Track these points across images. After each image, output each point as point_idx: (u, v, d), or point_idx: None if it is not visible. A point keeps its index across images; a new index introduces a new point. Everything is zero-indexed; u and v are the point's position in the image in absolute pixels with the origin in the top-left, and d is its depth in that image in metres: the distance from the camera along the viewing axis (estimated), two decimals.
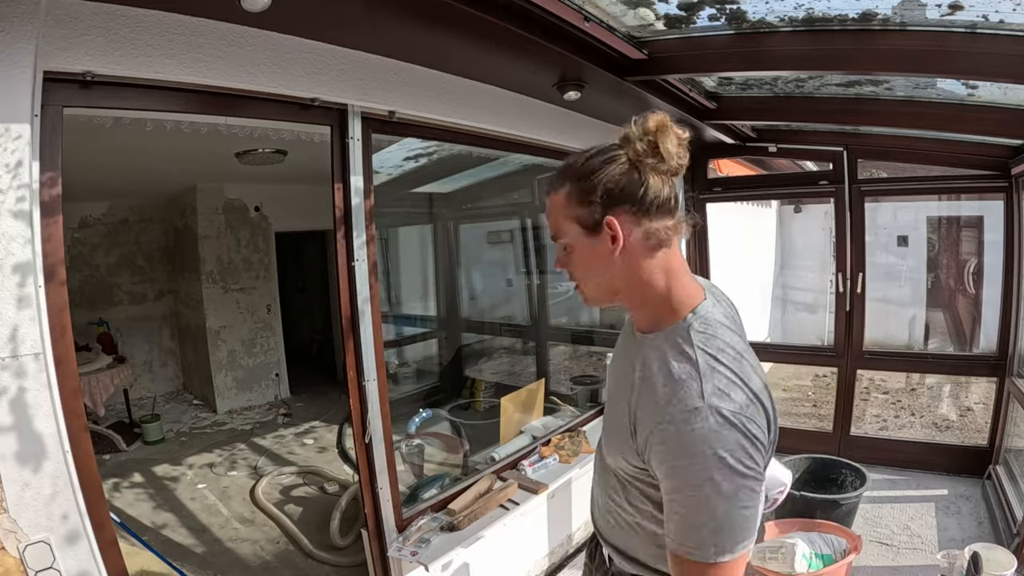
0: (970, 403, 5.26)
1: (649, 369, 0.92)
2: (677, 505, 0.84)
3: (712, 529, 0.81)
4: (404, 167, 3.81)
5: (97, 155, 3.20)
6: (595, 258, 0.94)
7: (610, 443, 1.01)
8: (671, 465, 0.84)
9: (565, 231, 0.95)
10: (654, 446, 0.86)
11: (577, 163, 0.94)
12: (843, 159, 3.72)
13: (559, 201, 0.95)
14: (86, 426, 1.44)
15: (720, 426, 0.82)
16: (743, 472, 0.81)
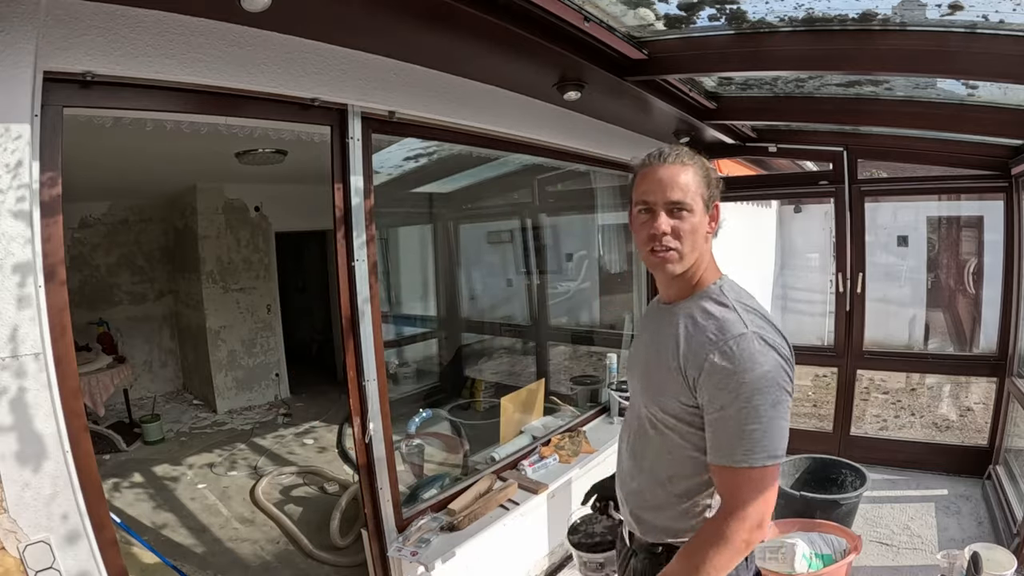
0: (970, 403, 5.26)
1: (693, 319, 1.13)
2: (730, 419, 1.03)
3: (761, 433, 1.01)
4: (404, 167, 3.81)
5: (97, 155, 3.20)
6: (700, 229, 1.16)
7: (655, 394, 1.17)
8: (725, 381, 1.03)
9: (693, 202, 1.14)
10: (707, 372, 1.05)
11: (695, 155, 1.18)
12: (843, 159, 3.72)
13: (694, 177, 1.15)
14: (86, 426, 1.44)
15: (763, 347, 1.04)
16: (783, 387, 1.04)
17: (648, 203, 1.15)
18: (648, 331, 1.29)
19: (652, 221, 1.14)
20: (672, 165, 1.15)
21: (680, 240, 1.13)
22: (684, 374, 1.10)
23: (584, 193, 4.28)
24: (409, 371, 5.09)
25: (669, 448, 1.17)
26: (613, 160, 3.44)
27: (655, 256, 1.15)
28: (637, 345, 1.35)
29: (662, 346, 1.17)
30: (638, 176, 1.20)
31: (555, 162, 3.25)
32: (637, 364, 1.30)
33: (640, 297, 4.16)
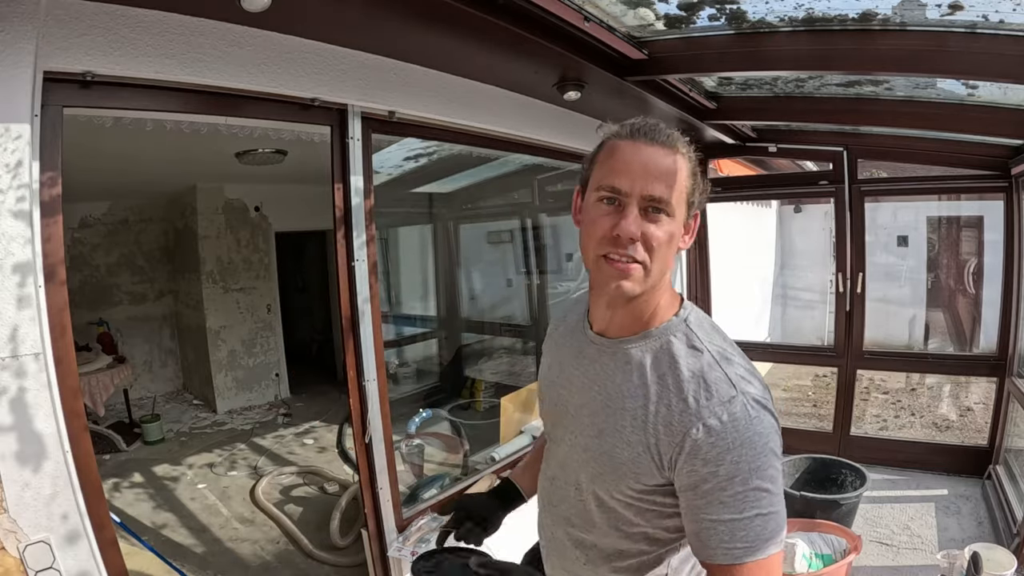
0: (970, 403, 5.26)
1: (660, 376, 0.85)
2: (723, 507, 0.78)
3: (764, 520, 0.77)
4: (404, 167, 3.81)
5: (97, 155, 3.20)
6: (675, 240, 0.87)
7: (601, 468, 0.89)
8: (714, 462, 0.78)
9: (677, 204, 0.85)
10: (689, 452, 0.79)
11: (688, 144, 0.89)
12: (843, 159, 3.72)
13: (686, 172, 0.86)
14: (86, 426, 1.44)
15: (758, 412, 0.80)
16: (779, 455, 0.80)
17: (618, 190, 0.84)
18: (581, 373, 0.97)
19: (618, 216, 0.84)
20: (661, 147, 0.85)
21: (650, 252, 0.84)
22: (656, 453, 0.83)
23: None
24: (409, 371, 5.09)
25: (618, 525, 0.92)
26: None
27: (611, 265, 0.84)
28: (559, 385, 1.02)
29: (613, 409, 0.89)
30: (607, 150, 0.89)
31: (555, 162, 3.25)
32: (566, 414, 0.99)
33: None
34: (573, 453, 0.96)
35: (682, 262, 4.30)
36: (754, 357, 5.26)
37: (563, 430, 1.00)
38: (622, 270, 0.84)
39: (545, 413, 1.09)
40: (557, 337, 1.09)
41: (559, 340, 1.08)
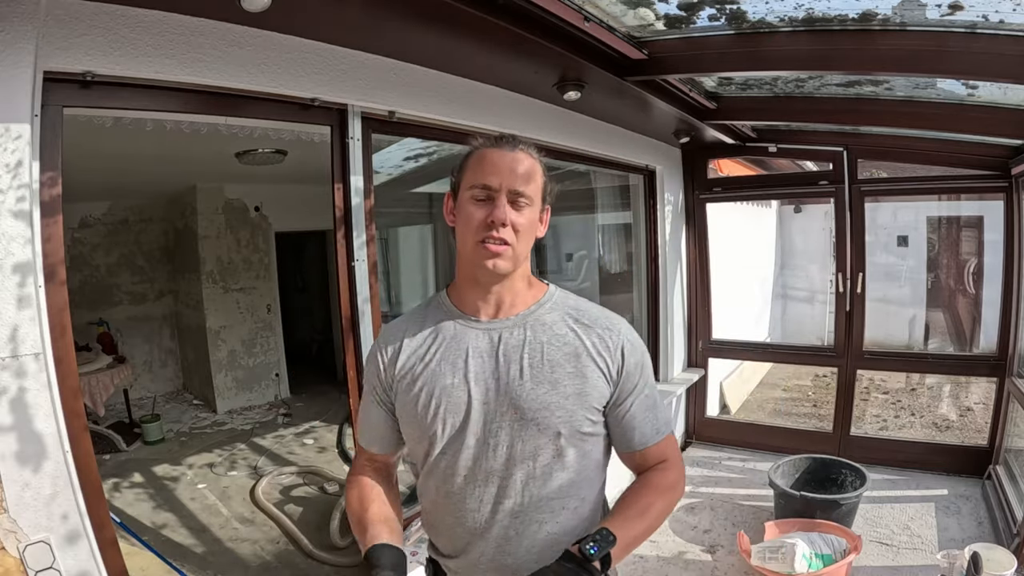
0: (970, 403, 5.26)
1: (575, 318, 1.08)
2: (650, 397, 1.10)
3: (663, 406, 1.15)
4: (404, 167, 3.81)
5: (97, 155, 3.20)
6: (533, 226, 1.06)
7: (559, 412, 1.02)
8: (638, 366, 1.08)
9: (535, 195, 1.04)
10: (627, 358, 1.07)
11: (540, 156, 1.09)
12: (843, 159, 3.72)
13: (538, 172, 1.06)
14: (86, 426, 1.44)
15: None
16: None
17: (489, 187, 1.00)
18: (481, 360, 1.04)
19: (490, 207, 1.00)
20: (521, 152, 1.04)
21: (517, 234, 1.01)
22: (606, 373, 1.05)
23: (584, 193, 4.28)
24: None
25: (577, 471, 1.05)
26: (613, 160, 3.44)
27: (486, 248, 1.00)
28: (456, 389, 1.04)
29: (556, 359, 1.03)
30: (475, 158, 1.05)
31: (555, 162, 3.25)
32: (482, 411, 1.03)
33: (640, 297, 4.16)
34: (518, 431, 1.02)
35: (682, 262, 4.30)
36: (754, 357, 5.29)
37: (482, 426, 1.03)
38: (495, 251, 1.00)
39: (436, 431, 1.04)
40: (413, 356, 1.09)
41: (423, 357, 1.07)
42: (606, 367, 1.05)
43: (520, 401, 1.02)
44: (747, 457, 4.06)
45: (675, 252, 4.21)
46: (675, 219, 4.19)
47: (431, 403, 1.05)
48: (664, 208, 4.03)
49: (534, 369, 1.03)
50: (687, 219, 4.31)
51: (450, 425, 1.04)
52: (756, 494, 3.47)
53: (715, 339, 4.42)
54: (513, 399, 1.02)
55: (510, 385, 1.03)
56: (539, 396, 1.02)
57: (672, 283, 4.17)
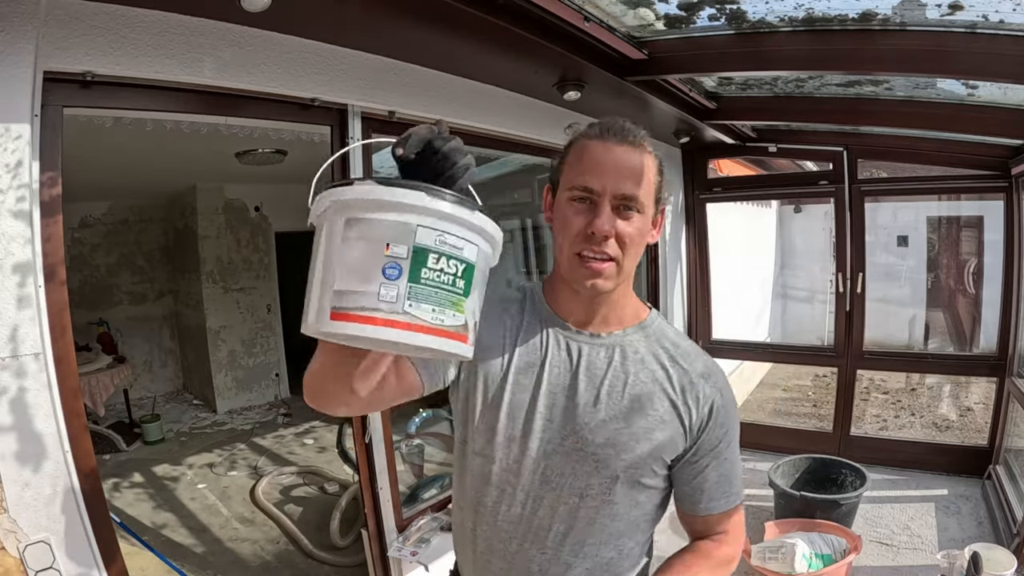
0: (970, 403, 5.26)
1: (670, 356, 0.95)
2: (728, 461, 0.95)
3: (739, 470, 0.98)
4: None
5: (97, 155, 3.20)
6: (643, 235, 0.89)
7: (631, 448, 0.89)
8: (725, 422, 0.93)
9: (646, 201, 0.87)
10: (715, 413, 0.92)
11: (654, 147, 0.91)
12: (843, 159, 3.72)
13: (653, 173, 0.89)
14: (86, 426, 1.44)
15: None
16: None
17: (592, 190, 0.85)
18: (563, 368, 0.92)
19: (591, 214, 0.85)
20: (630, 147, 0.86)
21: (623, 248, 0.86)
22: (686, 425, 0.91)
23: None
24: None
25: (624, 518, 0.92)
26: None
27: (585, 265, 0.85)
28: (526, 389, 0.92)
29: (637, 395, 0.90)
30: (577, 149, 0.89)
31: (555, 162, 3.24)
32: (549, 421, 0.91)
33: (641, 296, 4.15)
34: (577, 460, 0.89)
35: (682, 262, 4.30)
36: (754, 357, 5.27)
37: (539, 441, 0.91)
38: (595, 269, 0.86)
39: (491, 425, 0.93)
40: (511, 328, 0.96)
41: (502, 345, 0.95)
42: (688, 420, 0.91)
43: (585, 431, 0.89)
44: (747, 457, 4.06)
45: (675, 252, 4.21)
46: (675, 219, 4.19)
47: (489, 394, 0.93)
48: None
49: (611, 400, 0.90)
50: (687, 219, 4.31)
51: (503, 427, 0.92)
52: (756, 494, 3.47)
53: (715, 339, 4.42)
54: (578, 426, 0.89)
55: (581, 409, 0.90)
56: (608, 431, 0.89)
57: (672, 283, 4.17)
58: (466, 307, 0.64)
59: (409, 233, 0.60)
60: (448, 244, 0.61)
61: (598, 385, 0.91)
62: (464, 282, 0.63)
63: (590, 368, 0.92)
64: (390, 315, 0.59)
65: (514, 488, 0.92)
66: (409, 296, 0.59)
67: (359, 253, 0.60)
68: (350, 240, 0.61)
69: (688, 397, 0.92)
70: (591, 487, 0.90)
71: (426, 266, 0.60)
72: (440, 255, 0.61)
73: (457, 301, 0.62)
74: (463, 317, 0.63)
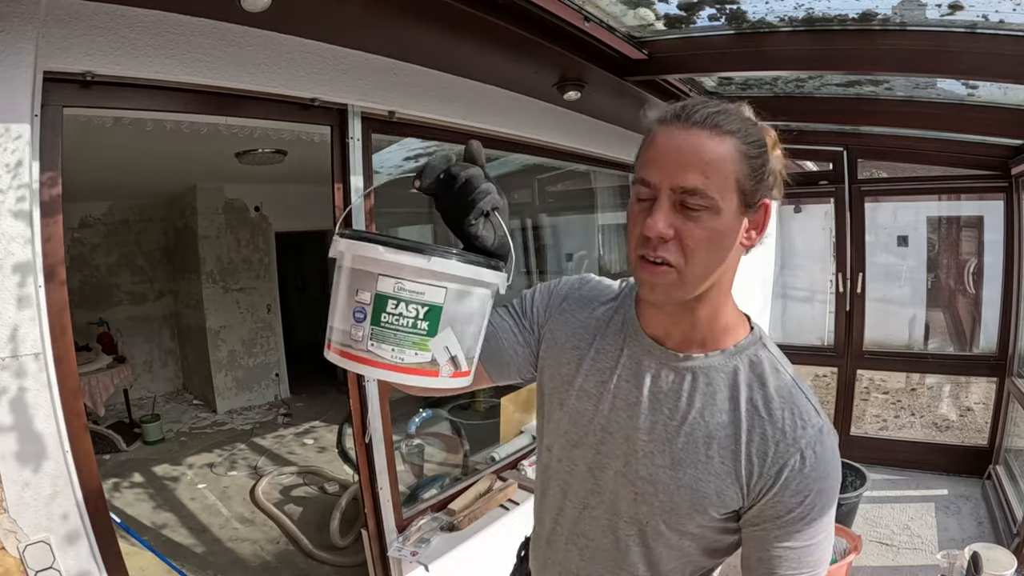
0: (970, 403, 5.26)
1: (749, 399, 0.78)
2: (799, 535, 0.74)
3: (826, 544, 0.77)
4: (404, 167, 3.81)
5: (97, 155, 3.20)
6: (727, 239, 0.74)
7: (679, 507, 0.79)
8: (803, 494, 0.74)
9: (718, 194, 0.70)
10: (784, 484, 0.74)
11: (747, 122, 0.74)
12: (843, 159, 3.72)
13: (729, 156, 0.71)
14: (86, 426, 1.43)
15: (834, 442, 0.77)
16: None
17: (648, 183, 0.73)
18: (632, 384, 0.84)
19: (647, 212, 0.73)
20: (701, 129, 0.71)
21: (686, 253, 0.72)
22: (744, 483, 0.76)
23: (584, 193, 4.28)
24: None
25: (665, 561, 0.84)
26: (613, 160, 3.43)
27: (642, 268, 0.75)
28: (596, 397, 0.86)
29: (693, 435, 0.79)
30: (649, 138, 0.76)
31: (555, 162, 3.25)
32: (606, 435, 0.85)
33: None
34: (620, 484, 0.83)
35: None
36: None
37: (594, 452, 0.86)
38: (649, 275, 0.74)
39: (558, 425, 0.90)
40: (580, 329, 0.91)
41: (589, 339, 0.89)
42: (749, 477, 0.76)
43: (633, 459, 0.82)
44: None
45: None
46: None
47: (557, 395, 0.90)
48: None
49: (667, 433, 0.80)
50: None
51: (565, 430, 0.88)
52: None
53: None
54: (628, 451, 0.82)
55: (634, 433, 0.82)
56: (652, 467, 0.80)
57: None
58: (433, 344, 0.69)
59: (372, 281, 0.67)
60: (407, 290, 0.67)
61: (655, 412, 0.81)
62: (428, 323, 0.68)
63: (655, 391, 0.82)
64: (358, 352, 0.68)
65: (569, 489, 0.89)
66: (372, 337, 0.67)
67: (341, 296, 0.70)
68: (338, 284, 0.71)
69: (755, 450, 0.76)
70: (630, 516, 0.83)
71: (385, 310, 0.67)
72: (399, 300, 0.67)
73: (419, 341, 0.68)
74: (428, 355, 0.69)
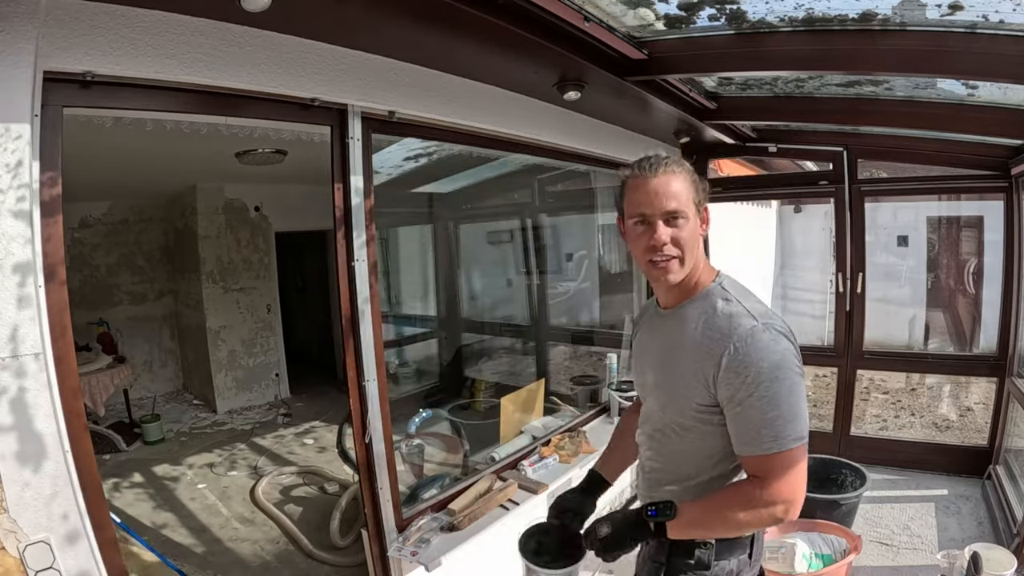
0: (970, 403, 5.26)
1: (703, 320, 1.16)
2: (753, 409, 1.06)
3: (784, 419, 1.06)
4: (404, 167, 3.81)
5: (97, 155, 3.20)
6: (696, 234, 1.19)
7: (671, 402, 1.22)
8: (742, 374, 1.06)
9: (687, 208, 1.17)
10: (724, 368, 1.08)
11: (681, 160, 1.21)
12: (843, 159, 3.72)
13: (684, 184, 1.18)
14: (86, 426, 1.44)
15: (774, 336, 1.09)
16: (797, 371, 1.11)
17: (645, 215, 1.17)
18: (654, 339, 1.31)
19: (650, 232, 1.16)
20: (664, 174, 1.17)
21: (681, 247, 1.17)
22: (702, 375, 1.13)
23: (584, 193, 4.28)
24: (409, 371, 5.09)
25: (690, 450, 1.22)
26: (613, 160, 3.43)
27: (656, 268, 1.18)
28: (642, 353, 1.37)
29: (674, 352, 1.21)
30: (628, 187, 1.21)
31: (555, 162, 3.24)
32: (647, 374, 1.32)
33: (640, 297, 4.16)
34: (651, 398, 1.29)
35: None
36: None
37: (646, 388, 1.32)
38: (664, 267, 1.18)
39: (638, 383, 1.43)
40: (640, 322, 1.43)
41: (643, 324, 1.41)
42: (703, 373, 1.12)
43: (657, 379, 1.26)
44: None
45: None
46: None
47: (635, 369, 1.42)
48: None
49: (663, 358, 1.24)
50: None
51: (636, 375, 1.41)
52: None
53: None
54: (655, 376, 1.27)
55: (656, 363, 1.27)
56: (660, 382, 1.25)
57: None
58: None
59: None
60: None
61: (660, 347, 1.27)
62: None
63: (658, 335, 1.29)
64: None
65: (644, 419, 1.35)
66: None
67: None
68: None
69: (704, 352, 1.12)
70: (666, 421, 1.24)
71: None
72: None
73: None
74: None
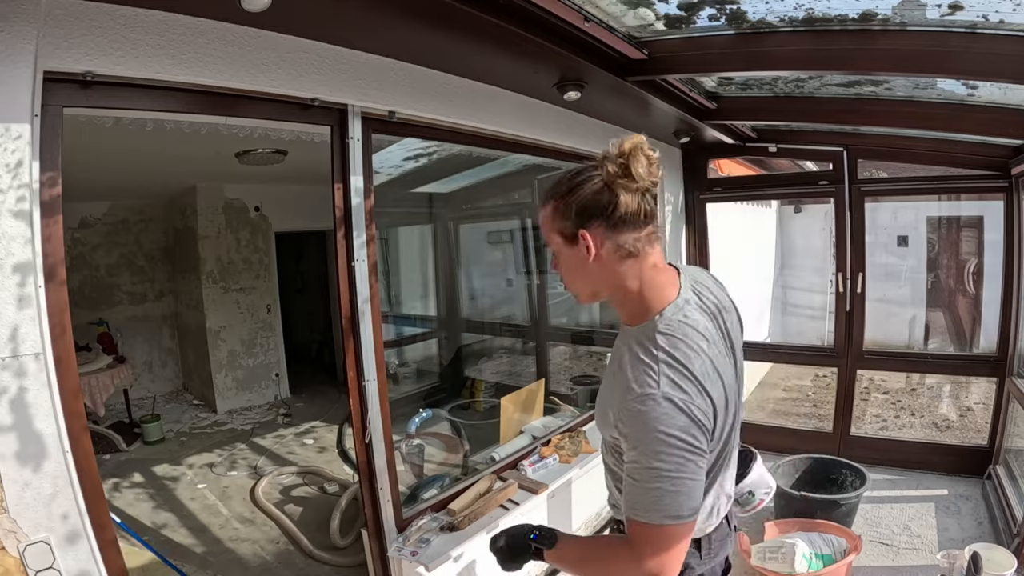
0: (970, 403, 5.26)
1: (623, 359, 1.06)
2: (634, 474, 0.99)
3: (661, 494, 0.96)
4: (404, 167, 3.81)
5: (97, 155, 3.20)
6: (576, 264, 1.08)
7: (601, 417, 1.14)
8: (632, 439, 0.99)
9: (551, 241, 1.10)
10: (620, 423, 1.02)
11: (561, 182, 1.07)
12: (843, 159, 3.72)
13: (547, 214, 1.09)
14: (86, 426, 1.44)
15: (670, 410, 0.96)
16: (689, 449, 0.96)
17: None
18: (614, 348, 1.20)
19: None
20: (540, 208, 1.12)
21: (564, 278, 1.14)
22: (611, 411, 1.05)
23: None
24: (409, 371, 5.09)
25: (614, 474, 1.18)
26: None
27: None
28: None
29: (607, 375, 1.17)
30: None
31: (555, 162, 3.24)
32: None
33: None
34: None
35: (682, 262, 4.30)
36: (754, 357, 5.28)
37: None
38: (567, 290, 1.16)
39: None
40: None
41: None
42: (612, 410, 1.05)
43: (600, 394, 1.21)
44: None
45: (675, 252, 4.21)
46: (675, 219, 4.19)
47: None
48: (664, 208, 4.04)
49: (605, 380, 1.19)
50: (687, 219, 4.31)
51: None
52: None
53: None
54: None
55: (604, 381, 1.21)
56: (599, 398, 1.19)
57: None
58: None
59: None
60: None
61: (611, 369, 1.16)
62: None
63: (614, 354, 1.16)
64: None
65: None
66: None
67: None
68: None
69: (616, 391, 1.05)
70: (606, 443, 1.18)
71: None
72: None
73: None
74: None
